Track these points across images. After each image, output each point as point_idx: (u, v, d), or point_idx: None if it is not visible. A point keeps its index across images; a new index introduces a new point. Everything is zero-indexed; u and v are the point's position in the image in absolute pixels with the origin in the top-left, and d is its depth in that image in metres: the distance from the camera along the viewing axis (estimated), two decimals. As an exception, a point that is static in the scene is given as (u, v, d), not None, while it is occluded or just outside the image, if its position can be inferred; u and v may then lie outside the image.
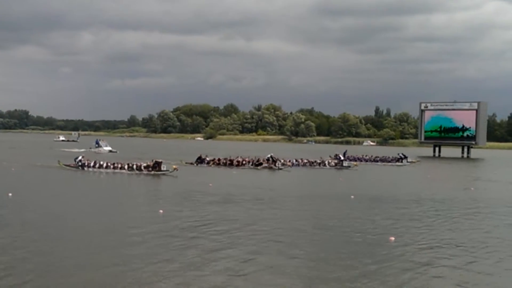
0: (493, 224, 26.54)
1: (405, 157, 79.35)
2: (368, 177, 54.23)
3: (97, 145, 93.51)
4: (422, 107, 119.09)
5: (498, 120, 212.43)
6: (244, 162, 62.42)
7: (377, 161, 79.01)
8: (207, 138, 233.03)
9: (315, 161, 68.06)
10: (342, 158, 69.31)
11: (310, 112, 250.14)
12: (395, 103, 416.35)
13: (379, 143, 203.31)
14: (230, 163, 62.04)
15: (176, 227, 23.12)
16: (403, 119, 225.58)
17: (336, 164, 67.04)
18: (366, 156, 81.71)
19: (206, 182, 42.10)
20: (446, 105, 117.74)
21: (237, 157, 64.99)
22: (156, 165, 50.38)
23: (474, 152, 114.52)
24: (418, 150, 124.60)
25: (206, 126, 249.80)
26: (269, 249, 19.37)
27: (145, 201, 32.36)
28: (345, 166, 66.34)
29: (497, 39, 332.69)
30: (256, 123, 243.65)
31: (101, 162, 52.94)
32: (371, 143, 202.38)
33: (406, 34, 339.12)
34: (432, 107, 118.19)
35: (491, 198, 37.74)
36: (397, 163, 76.77)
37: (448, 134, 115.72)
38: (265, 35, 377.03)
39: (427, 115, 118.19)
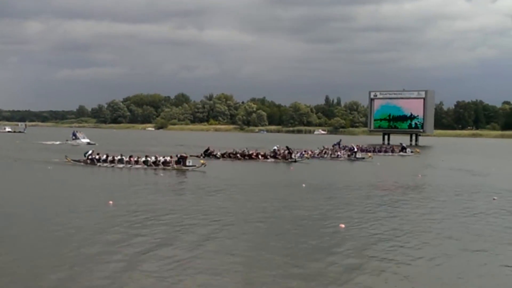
0: (439, 210, 27.13)
1: (405, 148, 78.47)
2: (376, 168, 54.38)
3: (74, 137, 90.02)
4: (372, 96, 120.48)
5: (445, 108, 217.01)
6: (258, 154, 59.42)
7: (377, 152, 75.92)
8: (158, 128, 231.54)
9: (326, 152, 66.99)
10: (355, 149, 67.92)
11: (262, 101, 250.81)
12: (345, 92, 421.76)
13: (330, 132, 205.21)
14: (243, 156, 58.88)
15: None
16: (353, 108, 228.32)
17: (349, 156, 65.44)
18: (362, 146, 77.87)
19: (233, 178, 40.28)
20: (394, 94, 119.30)
21: (244, 149, 61.73)
22: (181, 160, 46.51)
23: (422, 140, 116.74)
24: (368, 138, 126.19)
25: (157, 116, 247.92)
26: (215, 239, 19.39)
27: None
28: (359, 158, 64.44)
29: (444, 29, 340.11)
30: (208, 113, 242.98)
31: (116, 157, 48.58)
32: (322, 132, 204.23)
33: (356, 24, 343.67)
34: (381, 96, 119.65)
35: (438, 185, 38.56)
36: (401, 153, 75.65)
37: (396, 123, 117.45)
38: (217, 24, 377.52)
39: (376, 103, 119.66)
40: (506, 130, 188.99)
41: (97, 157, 49.20)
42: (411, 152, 76.66)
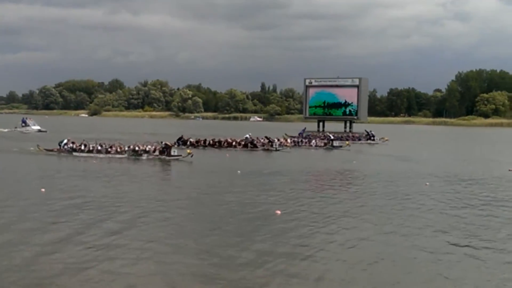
0: (375, 196, 27.46)
1: (373, 135, 77.16)
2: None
3: (23, 124, 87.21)
4: (307, 83, 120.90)
5: (378, 95, 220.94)
6: (235, 143, 57.73)
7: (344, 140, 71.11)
8: (91, 114, 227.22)
9: (302, 141, 66.00)
10: (332, 138, 66.92)
11: (198, 88, 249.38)
12: (281, 79, 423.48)
13: (266, 119, 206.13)
14: (220, 144, 57.28)
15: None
16: (288, 95, 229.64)
17: (325, 144, 64.67)
18: (328, 134, 75.42)
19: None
20: (329, 81, 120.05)
21: (226, 138, 59.64)
22: (166, 149, 44.23)
23: (356, 127, 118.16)
24: (303, 125, 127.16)
25: (91, 103, 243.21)
26: (148, 228, 19.06)
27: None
28: (335, 146, 63.61)
29: (378, 17, 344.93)
30: (143, 99, 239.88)
31: (94, 146, 45.97)
32: (258, 119, 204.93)
33: (291, 11, 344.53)
34: (316, 83, 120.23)
35: (376, 171, 39.16)
36: (369, 142, 74.75)
37: (331, 110, 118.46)
38: (152, 9, 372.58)
39: (312, 91, 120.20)
40: (437, 117, 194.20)
41: (74, 146, 46.81)
42: (379, 139, 75.79)
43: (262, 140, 59.13)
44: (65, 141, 47.67)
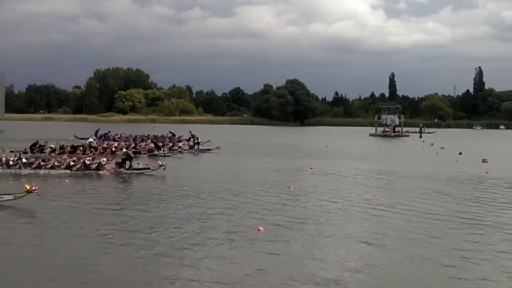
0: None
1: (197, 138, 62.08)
2: None
3: None
4: None
5: (16, 91, 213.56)
6: (112, 148, 46.41)
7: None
8: None
9: (165, 145, 53.60)
10: (199, 140, 57.85)
11: None
12: None
13: None
14: (88, 150, 44.56)
15: None
16: None
17: (191, 147, 56.14)
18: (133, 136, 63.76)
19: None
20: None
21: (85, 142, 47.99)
22: (125, 161, 34.62)
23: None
24: None
25: None
26: None
27: None
28: (202, 149, 55.30)
29: (14, 11, 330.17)
30: None
31: (30, 158, 35.30)
32: None
33: None
34: None
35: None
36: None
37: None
38: None
39: None
40: (77, 114, 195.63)
41: (3, 159, 34.34)
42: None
43: (144, 145, 51.73)
44: None
